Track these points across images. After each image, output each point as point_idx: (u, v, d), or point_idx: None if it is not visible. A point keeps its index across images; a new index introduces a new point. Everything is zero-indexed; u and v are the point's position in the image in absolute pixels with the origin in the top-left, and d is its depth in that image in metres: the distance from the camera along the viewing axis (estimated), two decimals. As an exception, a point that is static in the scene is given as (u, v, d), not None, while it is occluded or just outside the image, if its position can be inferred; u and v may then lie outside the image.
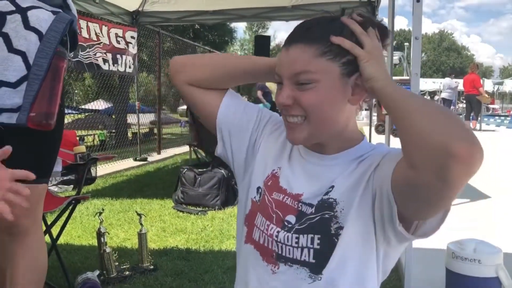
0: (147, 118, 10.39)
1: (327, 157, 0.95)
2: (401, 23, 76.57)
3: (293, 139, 0.92)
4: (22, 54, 1.35)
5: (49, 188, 2.95)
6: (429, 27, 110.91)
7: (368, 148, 0.95)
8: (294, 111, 0.89)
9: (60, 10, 1.46)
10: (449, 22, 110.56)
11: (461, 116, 17.57)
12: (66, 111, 6.86)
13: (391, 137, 3.74)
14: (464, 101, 13.63)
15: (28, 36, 1.36)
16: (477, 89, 12.07)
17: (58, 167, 2.77)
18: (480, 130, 12.31)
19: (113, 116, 10.53)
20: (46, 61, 1.37)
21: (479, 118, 12.70)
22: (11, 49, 1.34)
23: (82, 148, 2.73)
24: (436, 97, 22.68)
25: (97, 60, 5.51)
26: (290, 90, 0.89)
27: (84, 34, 5.28)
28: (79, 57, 5.19)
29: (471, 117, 12.62)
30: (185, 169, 4.42)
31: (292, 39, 0.90)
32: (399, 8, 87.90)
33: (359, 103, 0.92)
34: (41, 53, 1.36)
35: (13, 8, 1.37)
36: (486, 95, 13.48)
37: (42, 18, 1.38)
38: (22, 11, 1.37)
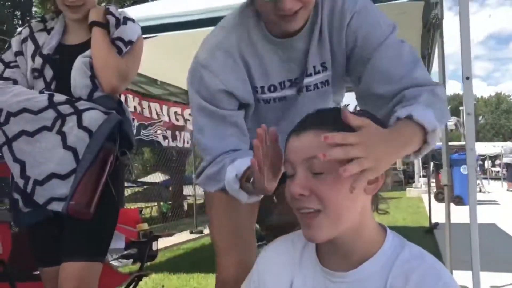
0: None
1: (348, 274, 0.89)
2: (454, 87, 75.74)
3: (313, 236, 0.86)
4: (73, 150, 1.57)
5: (111, 262, 3.07)
6: (484, 90, 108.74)
7: (394, 254, 0.88)
8: (310, 203, 0.84)
9: (113, 112, 1.67)
10: (506, 84, 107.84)
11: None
12: (125, 184, 7.02)
13: (452, 205, 3.62)
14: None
15: (80, 134, 1.58)
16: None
17: (121, 244, 2.89)
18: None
19: (170, 188, 10.86)
20: (91, 156, 1.57)
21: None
22: (65, 146, 1.57)
23: (144, 226, 2.85)
24: (498, 161, 21.74)
25: (157, 137, 5.83)
26: (305, 179, 0.85)
27: (146, 113, 5.65)
28: (141, 135, 5.52)
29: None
30: (241, 243, 4.44)
31: (303, 125, 0.89)
32: (451, 72, 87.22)
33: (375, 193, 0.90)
34: (88, 148, 1.57)
35: (72, 110, 1.61)
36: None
37: (94, 118, 1.60)
38: (79, 112, 1.60)
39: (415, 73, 1.12)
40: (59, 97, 1.64)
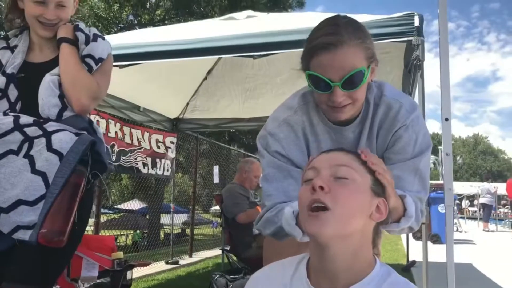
0: (180, 218, 10.48)
1: None
2: (433, 126, 77.24)
3: (319, 229, 0.91)
4: (43, 175, 1.47)
5: (82, 291, 2.97)
6: (462, 131, 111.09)
7: (381, 280, 0.94)
8: (324, 198, 0.92)
9: (84, 132, 1.59)
10: (483, 126, 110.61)
11: (503, 222, 16.88)
12: (102, 210, 6.83)
13: (429, 243, 3.62)
14: (506, 206, 13.15)
15: (50, 158, 1.48)
16: (523, 194, 11.57)
17: (94, 272, 2.81)
18: (524, 238, 11.71)
19: (147, 216, 10.68)
20: (62, 180, 1.47)
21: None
22: (34, 170, 1.47)
23: (119, 254, 2.78)
24: (475, 201, 22.03)
25: (137, 164, 5.76)
26: (327, 178, 0.95)
27: (127, 139, 5.59)
28: (120, 161, 5.45)
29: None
30: (217, 275, 4.35)
31: (332, 148, 1.04)
32: (430, 112, 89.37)
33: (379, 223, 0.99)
34: (59, 172, 1.47)
35: (41, 133, 1.52)
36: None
37: (64, 140, 1.51)
38: (48, 135, 1.51)
39: (420, 192, 1.35)
40: (25, 119, 1.55)
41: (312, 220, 0.92)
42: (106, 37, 1.83)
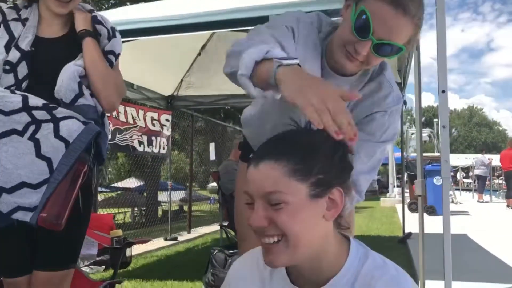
0: (177, 195, 10.52)
1: None
2: (428, 99, 77.29)
3: (271, 261, 0.89)
4: (48, 160, 1.47)
5: (82, 269, 3.00)
6: (457, 103, 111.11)
7: (360, 264, 0.92)
8: (271, 231, 0.87)
9: (91, 122, 1.59)
10: (477, 97, 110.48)
11: (497, 192, 17.08)
12: (99, 189, 6.86)
13: (425, 215, 3.66)
14: (500, 178, 13.25)
15: (56, 144, 1.48)
16: (518, 165, 11.58)
17: (93, 250, 2.83)
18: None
19: (144, 194, 10.73)
20: (67, 167, 1.48)
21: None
22: (39, 154, 1.47)
23: (118, 232, 2.80)
24: (470, 173, 22.22)
25: (132, 142, 5.75)
26: (263, 210, 0.87)
27: (122, 118, 5.57)
28: (116, 140, 5.44)
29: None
30: (216, 251, 4.40)
31: (260, 155, 0.90)
32: (425, 85, 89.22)
33: (336, 217, 0.92)
34: (64, 159, 1.48)
35: (49, 117, 1.51)
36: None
37: (73, 128, 1.51)
38: (56, 121, 1.51)
39: (368, 175, 1.38)
40: (34, 101, 1.52)
41: (266, 251, 0.90)
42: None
